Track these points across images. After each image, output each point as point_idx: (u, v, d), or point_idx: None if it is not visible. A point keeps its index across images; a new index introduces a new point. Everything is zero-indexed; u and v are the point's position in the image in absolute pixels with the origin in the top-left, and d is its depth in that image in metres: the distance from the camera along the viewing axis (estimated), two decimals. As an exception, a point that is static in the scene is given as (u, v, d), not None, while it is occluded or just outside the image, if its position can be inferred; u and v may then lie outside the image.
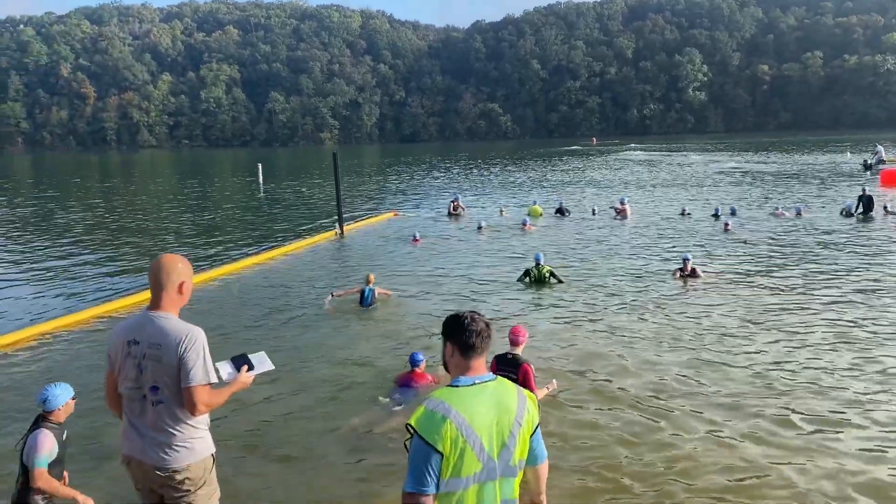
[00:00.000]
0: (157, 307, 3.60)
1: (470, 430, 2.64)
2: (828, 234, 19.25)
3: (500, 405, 2.77)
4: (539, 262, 14.38)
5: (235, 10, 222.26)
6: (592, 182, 41.26)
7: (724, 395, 7.85)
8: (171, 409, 3.51)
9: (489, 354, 2.80)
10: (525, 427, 2.82)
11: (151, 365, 3.49)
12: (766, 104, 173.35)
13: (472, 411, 2.68)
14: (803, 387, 8.06)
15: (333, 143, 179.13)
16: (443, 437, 2.59)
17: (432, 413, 2.65)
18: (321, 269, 16.56)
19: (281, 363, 9.19)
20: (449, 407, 2.66)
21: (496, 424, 2.73)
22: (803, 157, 60.04)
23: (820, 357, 9.05)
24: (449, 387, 2.79)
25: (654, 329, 10.51)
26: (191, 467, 3.58)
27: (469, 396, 2.72)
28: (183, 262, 3.69)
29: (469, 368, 2.83)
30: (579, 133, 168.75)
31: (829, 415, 7.28)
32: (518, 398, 2.85)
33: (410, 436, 2.67)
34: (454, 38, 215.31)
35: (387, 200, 34.40)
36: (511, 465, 2.78)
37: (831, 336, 9.89)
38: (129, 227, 26.39)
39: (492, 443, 2.70)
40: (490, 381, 2.82)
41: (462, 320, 2.88)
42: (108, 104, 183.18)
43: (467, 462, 2.64)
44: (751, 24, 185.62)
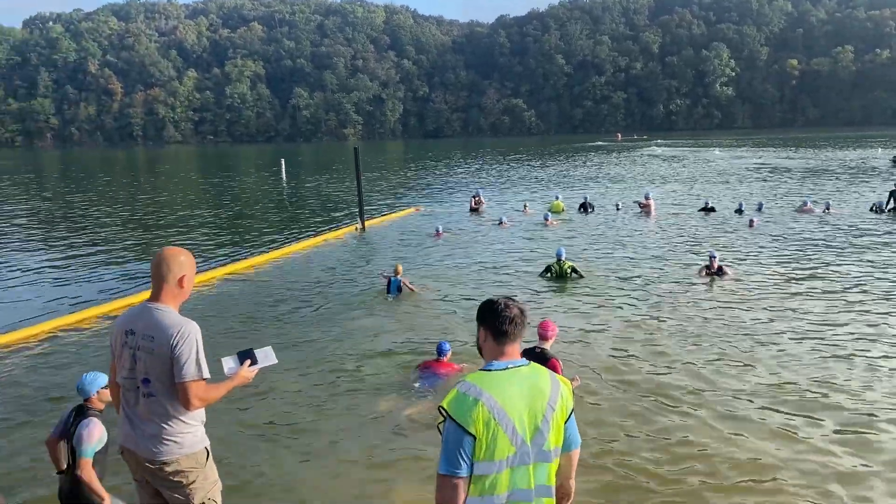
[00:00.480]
0: (156, 299, 3.58)
1: (502, 413, 2.65)
2: (857, 231, 18.83)
3: (534, 389, 2.77)
4: (561, 257, 14.18)
5: (260, 6, 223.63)
6: (616, 177, 40.88)
7: (748, 394, 7.65)
8: (161, 402, 3.50)
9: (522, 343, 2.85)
10: (559, 412, 2.81)
11: (144, 356, 3.49)
12: (794, 100, 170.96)
13: (505, 395, 2.69)
14: (829, 386, 7.85)
15: (357, 138, 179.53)
16: (475, 420, 2.61)
17: (465, 396, 2.66)
18: (341, 262, 16.50)
19: (304, 353, 9.46)
20: (481, 390, 2.67)
21: (529, 409, 2.73)
22: (832, 152, 59.04)
23: (847, 356, 8.80)
24: (482, 370, 2.80)
25: (679, 327, 10.28)
26: (180, 461, 3.56)
27: (502, 380, 2.73)
28: (185, 255, 3.65)
29: (502, 353, 2.84)
30: (604, 129, 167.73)
31: (855, 416, 7.05)
32: (552, 383, 2.84)
33: (444, 419, 2.68)
34: (478, 33, 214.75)
35: (409, 196, 34.34)
36: (545, 450, 2.77)
37: (858, 335, 9.63)
38: (153, 221, 26.57)
39: (524, 427, 2.71)
40: (523, 366, 2.83)
41: (496, 306, 2.89)
42: (135, 100, 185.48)
43: (500, 445, 2.65)
44: (780, 17, 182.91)
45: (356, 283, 14.11)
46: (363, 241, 20.13)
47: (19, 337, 10.52)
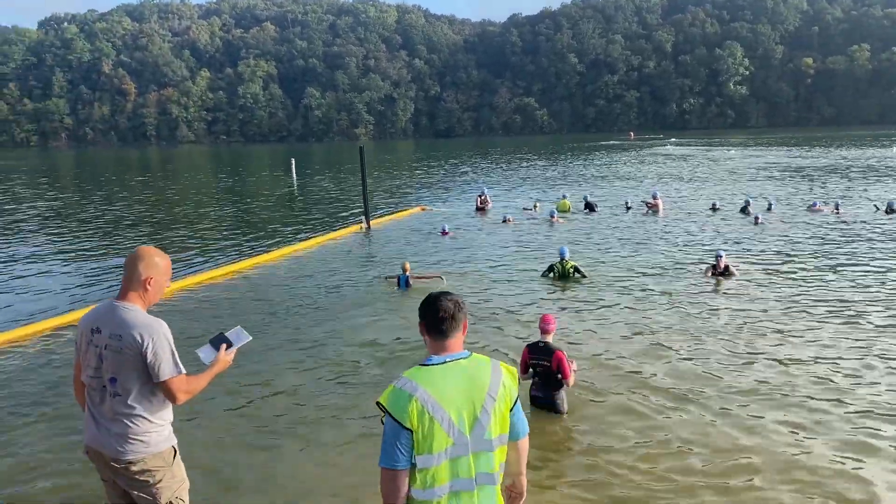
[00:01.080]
0: (123, 297, 3.57)
1: (437, 407, 2.71)
2: (867, 231, 18.59)
3: (472, 381, 2.82)
4: (564, 256, 14.08)
5: (273, 6, 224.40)
6: (626, 176, 40.64)
7: (752, 395, 7.55)
8: (127, 401, 3.50)
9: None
10: (500, 403, 2.86)
11: (111, 356, 3.48)
12: (809, 98, 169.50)
13: (440, 388, 2.75)
14: (833, 385, 7.72)
15: (368, 138, 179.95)
16: (409, 414, 2.67)
17: (400, 391, 2.74)
18: (344, 261, 16.49)
19: (306, 349, 9.55)
20: (416, 385, 2.74)
21: (467, 400, 2.78)
22: (846, 151, 58.45)
23: (853, 356, 8.68)
24: (419, 365, 2.87)
25: (683, 327, 10.16)
26: (146, 460, 3.56)
27: (437, 374, 2.79)
28: (159, 256, 3.65)
29: (442, 348, 2.89)
30: (616, 128, 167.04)
31: (861, 418, 6.90)
32: (493, 373, 2.89)
33: (383, 414, 2.76)
34: (490, 32, 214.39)
35: (415, 195, 34.27)
36: (486, 440, 2.82)
37: (864, 336, 9.49)
38: (164, 219, 26.67)
39: (462, 418, 2.76)
40: (463, 359, 2.87)
41: (431, 302, 2.95)
42: (148, 100, 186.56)
43: (437, 438, 2.71)
44: (795, 16, 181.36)
45: (358, 282, 14.13)
46: (367, 240, 20.08)
47: (14, 337, 10.55)
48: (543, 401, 7.24)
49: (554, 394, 7.18)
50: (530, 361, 7.26)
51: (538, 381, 7.28)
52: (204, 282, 14.35)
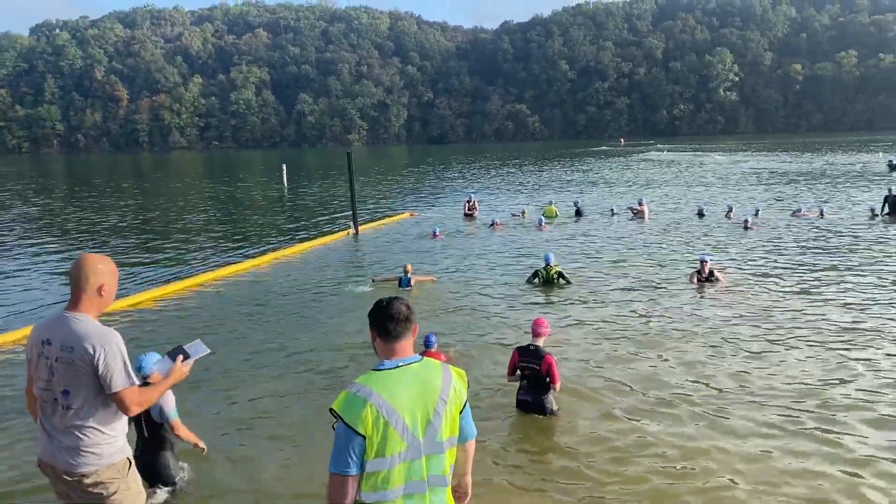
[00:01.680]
0: (74, 308, 3.49)
1: (391, 411, 2.71)
2: (851, 236, 18.83)
3: (424, 384, 2.83)
4: (549, 262, 14.23)
5: (265, 12, 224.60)
6: (614, 182, 40.89)
7: (735, 403, 7.67)
8: (79, 413, 3.44)
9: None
10: (451, 405, 2.88)
11: (63, 368, 3.41)
12: (798, 105, 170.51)
13: (394, 393, 2.75)
14: (818, 392, 7.90)
15: (361, 144, 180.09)
16: (363, 420, 2.67)
17: (354, 397, 2.72)
18: (331, 267, 16.63)
19: (292, 352, 9.68)
20: (370, 390, 2.73)
21: (420, 404, 2.79)
22: (833, 157, 58.86)
23: (834, 360, 8.88)
24: (372, 370, 2.85)
25: (666, 333, 10.28)
26: (100, 472, 3.50)
27: (391, 378, 2.79)
28: (105, 263, 3.58)
29: (392, 352, 2.89)
30: (607, 134, 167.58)
31: (838, 420, 7.08)
32: (444, 376, 2.91)
33: (336, 420, 2.75)
34: (482, 39, 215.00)
35: (405, 201, 34.44)
36: (438, 442, 2.84)
37: (849, 340, 9.67)
38: (152, 225, 26.73)
39: (416, 422, 2.77)
40: (414, 363, 2.88)
41: (380, 306, 2.95)
42: (141, 106, 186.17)
43: (391, 442, 2.71)
44: (783, 23, 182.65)
45: (344, 286, 14.26)
46: (356, 245, 20.23)
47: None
48: (532, 405, 7.21)
49: (542, 398, 7.17)
50: (519, 364, 7.23)
51: (526, 385, 7.24)
52: (190, 287, 14.47)
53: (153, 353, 5.60)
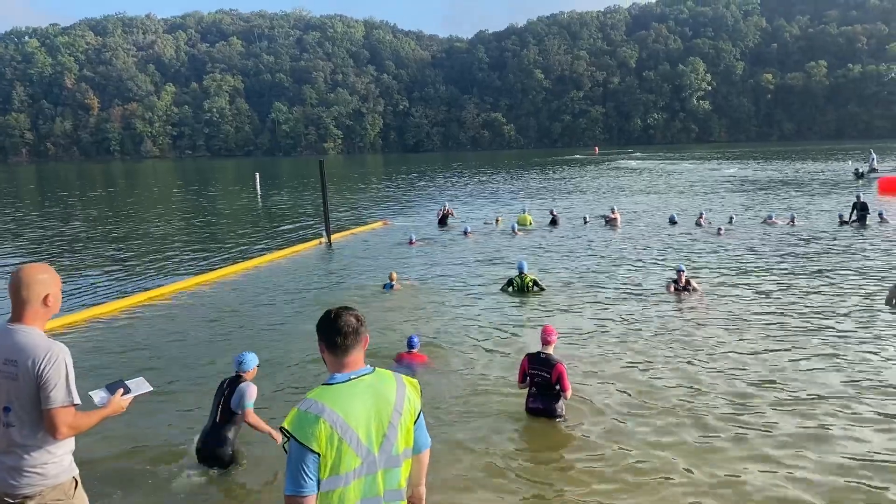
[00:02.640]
0: (18, 320, 3.31)
1: (346, 427, 2.64)
2: (821, 243, 18.96)
3: (378, 397, 2.76)
4: (522, 270, 14.12)
5: (239, 20, 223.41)
6: (586, 190, 41.02)
7: (712, 413, 7.57)
8: (22, 431, 3.26)
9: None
10: (406, 416, 2.82)
11: (6, 383, 3.24)
12: (769, 114, 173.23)
13: (347, 407, 2.67)
14: (792, 399, 7.80)
15: (337, 152, 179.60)
16: (317, 437, 2.58)
17: (305, 414, 2.63)
18: (300, 276, 16.35)
19: (274, 356, 9.40)
20: (322, 406, 2.64)
21: (375, 418, 2.72)
22: (803, 165, 59.69)
23: (809, 367, 8.82)
24: (323, 385, 2.76)
25: (642, 342, 10.15)
26: (45, 493, 3.32)
27: (343, 392, 2.71)
28: (47, 272, 3.39)
29: (343, 365, 2.80)
30: (582, 143, 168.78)
31: (814, 427, 6.97)
32: (397, 388, 2.84)
33: (287, 439, 2.64)
34: (457, 49, 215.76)
35: (379, 209, 34.20)
36: (394, 455, 2.78)
37: (820, 345, 9.67)
38: (120, 235, 26.18)
39: (371, 437, 2.70)
40: (367, 375, 2.81)
41: (328, 318, 2.85)
42: (112, 114, 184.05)
43: (346, 459, 2.64)
44: (755, 33, 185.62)
45: (314, 296, 13.98)
46: (328, 254, 19.94)
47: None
48: (542, 412, 7.24)
49: (553, 404, 7.20)
50: (529, 371, 7.25)
51: (535, 392, 7.25)
52: (155, 298, 14.13)
53: (254, 355, 6.61)
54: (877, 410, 7.39)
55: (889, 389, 7.97)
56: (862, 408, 7.48)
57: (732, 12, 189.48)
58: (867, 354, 9.25)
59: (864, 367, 8.74)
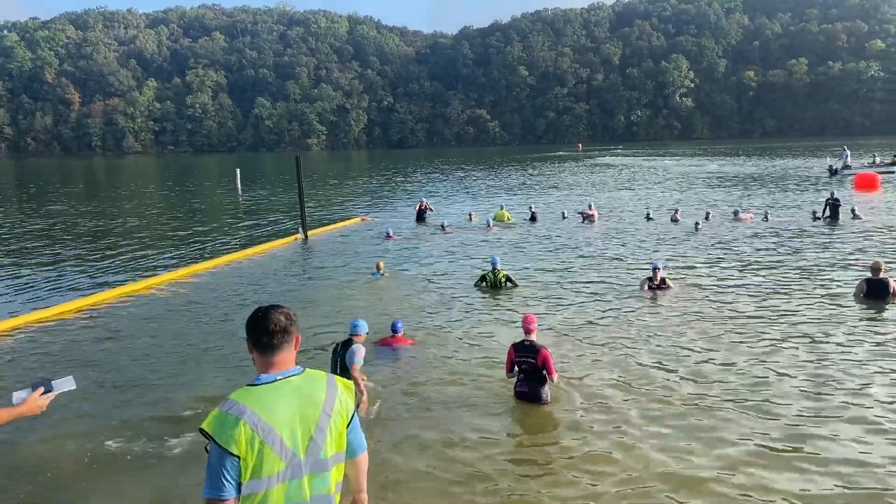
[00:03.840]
0: None
1: (268, 429, 2.56)
2: (794, 239, 19.14)
3: (305, 398, 2.68)
4: (496, 265, 14.18)
5: (222, 15, 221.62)
6: (567, 186, 41.14)
7: (689, 408, 7.63)
8: None
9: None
10: (336, 419, 2.74)
11: None
12: (751, 111, 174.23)
13: (270, 409, 2.59)
14: (764, 397, 7.87)
15: (321, 148, 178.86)
16: (236, 440, 2.51)
17: (225, 415, 2.56)
18: (275, 273, 16.32)
19: (235, 364, 9.44)
20: (243, 407, 2.57)
21: (301, 420, 2.64)
22: (783, 162, 60.13)
23: (780, 365, 8.94)
24: (247, 386, 2.68)
25: (614, 339, 10.17)
26: None
27: (267, 394, 2.63)
28: None
29: (270, 365, 2.72)
30: (566, 139, 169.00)
31: (798, 429, 7.07)
32: (328, 389, 2.75)
33: (208, 441, 2.57)
34: (442, 45, 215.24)
35: (358, 205, 34.15)
36: (322, 459, 2.69)
37: (794, 343, 9.76)
38: (100, 230, 25.98)
39: (295, 439, 2.62)
40: (295, 375, 2.73)
41: (255, 316, 2.77)
42: (93, 110, 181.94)
43: (268, 462, 2.56)
44: (737, 30, 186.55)
45: (287, 293, 13.96)
46: (304, 250, 19.91)
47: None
48: (529, 395, 7.64)
49: (539, 388, 7.62)
50: (516, 359, 7.70)
51: (523, 378, 7.69)
52: (131, 293, 14.09)
53: (364, 322, 8.01)
54: (845, 402, 7.55)
55: (855, 381, 8.12)
56: (834, 401, 7.63)
57: (715, 10, 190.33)
58: (836, 346, 9.43)
59: (832, 360, 8.89)
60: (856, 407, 7.37)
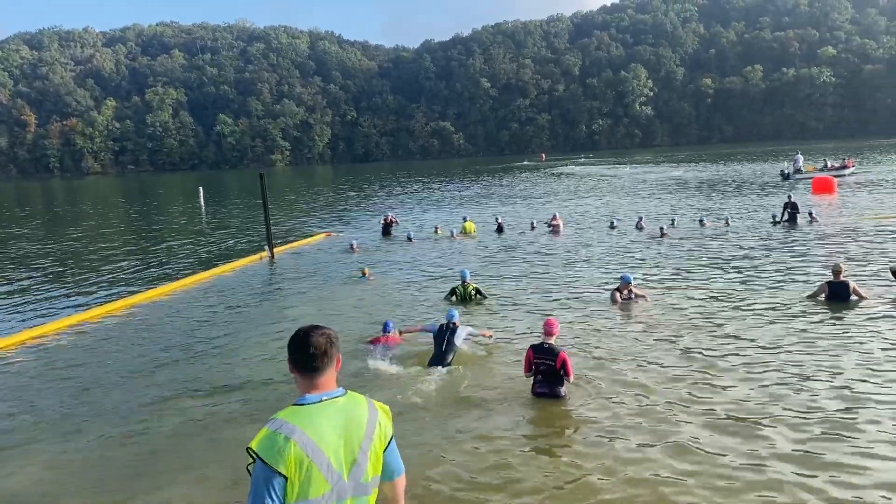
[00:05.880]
0: None
1: (316, 450, 2.54)
2: (755, 243, 19.46)
3: (350, 421, 2.67)
4: (465, 279, 14.17)
5: (181, 32, 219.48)
6: (531, 196, 41.43)
7: (656, 419, 7.70)
8: None
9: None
10: (377, 442, 2.73)
11: None
12: (709, 118, 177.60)
13: (319, 430, 2.57)
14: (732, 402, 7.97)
15: (285, 164, 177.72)
16: (286, 460, 2.49)
17: (275, 434, 2.53)
18: (241, 292, 16.10)
19: (198, 382, 9.18)
20: (293, 427, 2.55)
21: (345, 442, 2.63)
22: (740, 167, 61.26)
23: (746, 366, 9.06)
24: (294, 405, 2.67)
25: (584, 350, 10.13)
26: None
27: (315, 414, 2.61)
28: None
29: (314, 386, 2.71)
30: (530, 150, 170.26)
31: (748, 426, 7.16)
32: (369, 413, 2.74)
33: (253, 460, 2.54)
34: (404, 58, 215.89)
35: (324, 221, 33.95)
36: (363, 483, 2.68)
37: (757, 346, 9.87)
38: (59, 252, 25.40)
39: (340, 461, 2.61)
40: (339, 397, 2.71)
41: (297, 338, 2.74)
42: (51, 131, 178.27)
43: (315, 483, 2.54)
44: (693, 39, 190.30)
45: (254, 312, 13.78)
46: (270, 268, 19.71)
47: None
48: (548, 395, 8.04)
49: (557, 388, 8.01)
50: (535, 361, 8.05)
51: (541, 379, 8.06)
52: (94, 317, 13.76)
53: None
54: (811, 403, 7.66)
55: (820, 382, 8.26)
56: (795, 399, 7.77)
57: (671, 19, 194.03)
58: (800, 348, 9.60)
59: (796, 360, 9.04)
60: (818, 410, 7.47)
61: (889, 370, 8.56)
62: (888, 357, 9.04)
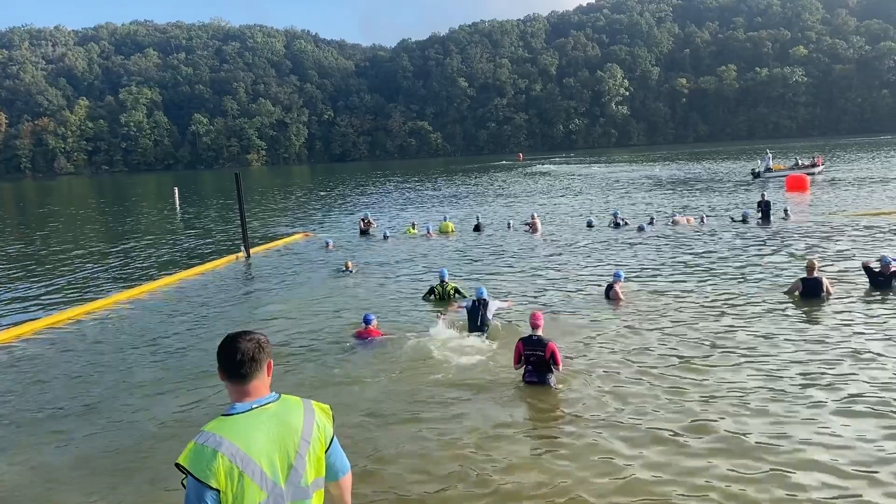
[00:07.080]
0: None
1: (247, 459, 2.49)
2: (730, 241, 19.62)
3: (283, 426, 2.61)
4: (444, 278, 14.12)
5: (155, 31, 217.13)
6: (508, 195, 41.55)
7: (647, 417, 7.73)
8: None
9: None
10: (316, 444, 2.68)
11: None
12: (685, 117, 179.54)
13: (248, 439, 2.53)
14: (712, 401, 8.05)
15: (261, 164, 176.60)
16: (215, 473, 2.44)
17: (202, 448, 2.48)
18: (216, 293, 15.95)
19: (176, 385, 9.00)
20: (220, 439, 2.50)
21: (279, 448, 2.58)
22: (712, 165, 61.92)
23: (723, 362, 9.12)
24: (222, 416, 2.60)
25: (566, 349, 9.89)
26: None
27: (244, 423, 2.56)
28: None
29: (244, 393, 2.64)
30: (507, 149, 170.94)
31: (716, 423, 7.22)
32: (305, 415, 2.69)
33: (185, 475, 2.50)
34: (381, 58, 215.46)
35: (301, 221, 33.77)
36: (303, 487, 2.63)
37: (733, 342, 9.96)
38: (34, 254, 25.00)
39: (275, 468, 2.56)
40: (271, 403, 2.65)
41: (224, 344, 2.68)
42: (22, 131, 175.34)
43: (249, 493, 2.49)
44: (668, 39, 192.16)
45: (231, 313, 13.66)
46: (246, 269, 19.55)
47: None
48: (538, 384, 8.36)
49: (547, 377, 8.35)
50: (525, 353, 8.40)
51: (531, 369, 8.41)
52: (66, 320, 13.57)
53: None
54: (785, 399, 7.73)
55: (795, 379, 8.34)
56: (771, 396, 7.82)
57: (646, 19, 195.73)
58: (775, 343, 9.71)
59: (770, 358, 9.12)
60: (789, 402, 7.57)
61: (864, 363, 8.68)
62: (863, 349, 9.20)
